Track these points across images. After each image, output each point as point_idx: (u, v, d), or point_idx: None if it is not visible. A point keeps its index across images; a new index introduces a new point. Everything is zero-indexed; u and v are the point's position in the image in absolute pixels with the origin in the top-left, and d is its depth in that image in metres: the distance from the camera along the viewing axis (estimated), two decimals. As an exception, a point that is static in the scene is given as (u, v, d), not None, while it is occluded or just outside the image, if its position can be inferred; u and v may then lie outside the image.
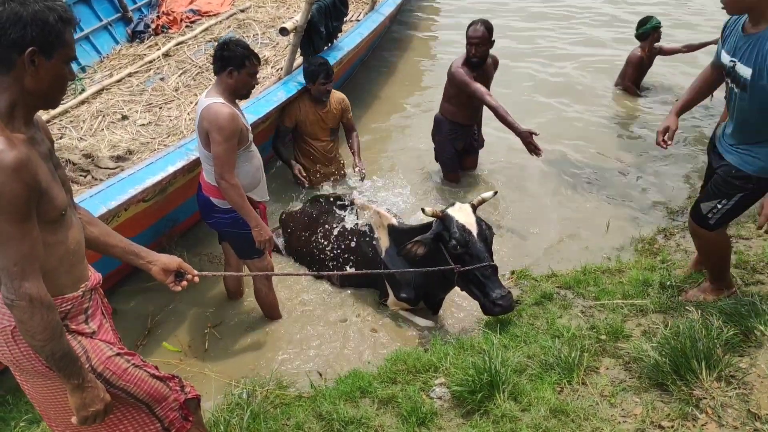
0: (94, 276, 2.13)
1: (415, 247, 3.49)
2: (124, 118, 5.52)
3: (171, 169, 3.81)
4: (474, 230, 3.49)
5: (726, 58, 3.04)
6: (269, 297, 3.90)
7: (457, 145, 5.33)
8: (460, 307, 4.06)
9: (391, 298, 3.97)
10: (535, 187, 5.41)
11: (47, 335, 1.82)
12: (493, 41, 4.88)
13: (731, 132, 3.15)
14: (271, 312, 3.98)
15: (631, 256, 4.40)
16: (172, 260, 2.35)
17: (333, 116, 5.25)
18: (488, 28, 4.81)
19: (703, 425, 2.56)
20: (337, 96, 5.26)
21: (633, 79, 6.93)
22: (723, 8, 2.96)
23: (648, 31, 6.61)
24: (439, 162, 5.49)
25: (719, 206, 3.18)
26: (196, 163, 4.02)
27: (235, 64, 3.36)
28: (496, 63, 5.14)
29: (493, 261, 3.49)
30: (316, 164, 5.31)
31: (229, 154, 3.25)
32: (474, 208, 3.58)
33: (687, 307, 3.31)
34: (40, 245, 1.79)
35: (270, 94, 4.88)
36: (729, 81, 3.07)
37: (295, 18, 5.03)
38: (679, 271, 3.88)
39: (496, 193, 3.77)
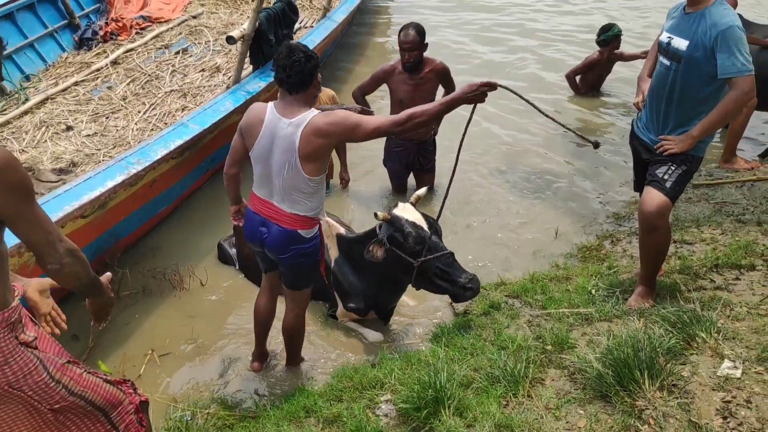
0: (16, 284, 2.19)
1: (375, 249, 3.45)
2: (69, 128, 5.37)
3: (110, 184, 3.70)
4: (424, 225, 3.50)
5: (664, 36, 3.32)
6: (302, 332, 3.56)
7: (401, 159, 5.21)
8: (410, 316, 4.03)
9: (340, 308, 3.92)
10: (483, 193, 5.41)
11: (87, 271, 2.06)
12: (427, 44, 4.78)
13: (662, 118, 3.35)
14: (298, 349, 3.63)
15: (579, 262, 4.43)
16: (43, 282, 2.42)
17: None
18: (419, 31, 4.70)
19: (645, 436, 2.56)
20: (327, 92, 4.95)
21: (579, 72, 7.09)
22: None
23: (609, 38, 6.78)
24: (386, 167, 5.40)
25: (673, 167, 3.30)
26: (137, 177, 3.92)
27: (317, 71, 3.12)
28: (441, 70, 4.92)
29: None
30: None
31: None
32: (414, 206, 3.60)
33: (630, 315, 3.34)
34: None
35: (217, 104, 4.79)
36: (663, 58, 3.32)
37: (243, 26, 4.95)
38: (624, 276, 3.91)
39: (429, 188, 3.76)
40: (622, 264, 4.19)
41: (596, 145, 3.44)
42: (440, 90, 5.03)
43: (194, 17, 7.92)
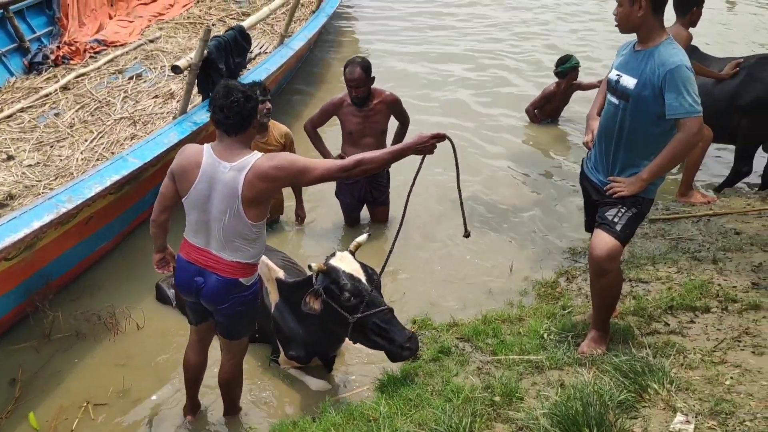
0: None
1: (311, 301, 3.29)
2: (10, 158, 5.14)
3: (36, 225, 3.47)
4: (362, 277, 3.34)
5: (613, 74, 3.25)
6: (240, 381, 3.39)
7: (354, 192, 5.09)
8: (356, 362, 3.87)
9: (282, 356, 3.74)
10: (437, 228, 5.27)
11: None
12: (373, 78, 4.74)
13: (611, 158, 3.27)
14: (237, 398, 3.44)
15: (534, 300, 4.32)
16: None
17: (273, 149, 4.66)
18: (364, 67, 4.66)
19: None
20: (281, 129, 4.86)
21: (537, 106, 7.09)
22: (616, 26, 3.18)
23: (566, 70, 6.79)
24: (338, 199, 5.25)
25: (623, 210, 3.20)
26: (68, 216, 3.71)
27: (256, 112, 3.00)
28: (392, 102, 4.87)
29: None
30: None
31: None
32: (353, 254, 3.44)
33: (582, 363, 3.22)
34: None
35: (161, 135, 4.59)
36: (612, 96, 3.24)
37: (190, 55, 4.79)
38: (578, 318, 3.79)
39: (369, 234, 3.64)
40: (577, 304, 4.08)
41: (467, 235, 3.39)
42: (392, 120, 4.99)
43: (151, 41, 7.75)
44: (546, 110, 7.05)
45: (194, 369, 3.34)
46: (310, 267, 3.30)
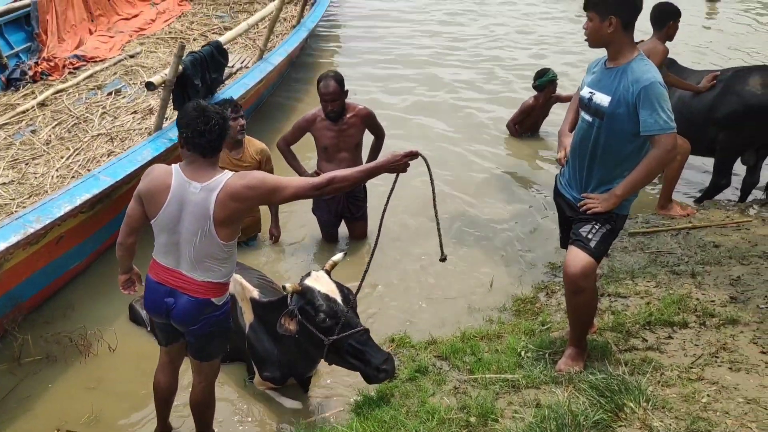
0: None
1: (286, 322, 3.23)
2: (-17, 176, 5.06)
3: (2, 246, 3.40)
4: (338, 297, 3.29)
5: (585, 91, 3.22)
6: (213, 403, 3.28)
7: (331, 208, 5.03)
8: (331, 385, 3.80)
9: (257, 377, 3.67)
10: (415, 244, 5.22)
11: None
12: (347, 91, 4.74)
13: (585, 175, 3.25)
14: (209, 421, 3.30)
15: (513, 316, 4.28)
16: None
17: (249, 166, 4.66)
18: (339, 81, 4.65)
19: None
20: (256, 145, 4.83)
21: (517, 121, 7.11)
22: (585, 40, 3.16)
23: (544, 83, 6.82)
24: (315, 216, 5.19)
25: (597, 226, 3.17)
26: (37, 236, 3.64)
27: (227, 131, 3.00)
28: (366, 116, 4.87)
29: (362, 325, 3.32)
30: None
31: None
32: (329, 273, 3.40)
33: (559, 381, 3.18)
34: None
35: (134, 152, 4.52)
36: (585, 114, 3.21)
37: (164, 71, 4.75)
38: (556, 334, 3.76)
39: (345, 253, 3.60)
40: (556, 319, 4.04)
41: (443, 259, 3.27)
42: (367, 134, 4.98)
43: (131, 56, 7.70)
44: (526, 124, 7.06)
45: (164, 391, 3.27)
46: (284, 288, 3.25)
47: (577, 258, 3.13)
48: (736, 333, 3.48)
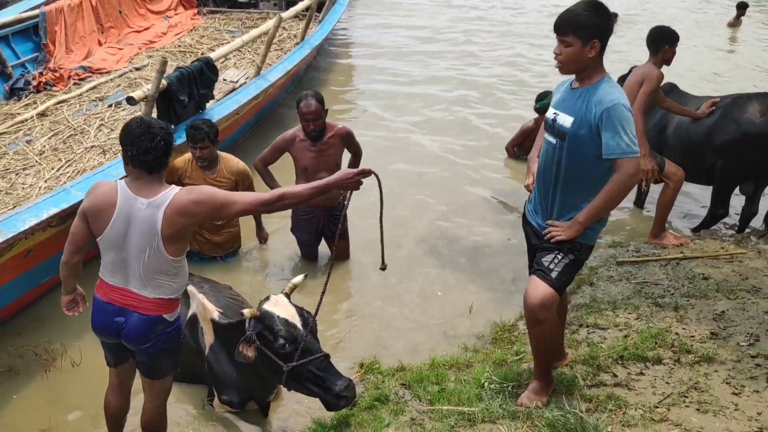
0: None
1: (244, 349, 3.16)
2: (-28, 185, 5.10)
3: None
4: (298, 322, 3.21)
5: (550, 112, 3.13)
6: (165, 424, 3.22)
7: (310, 227, 4.96)
8: (291, 411, 3.71)
9: (216, 400, 3.60)
10: (398, 264, 5.11)
11: None
12: (327, 110, 4.69)
13: (550, 201, 3.14)
14: None
15: (490, 344, 4.16)
16: None
17: (223, 185, 4.58)
18: (319, 100, 4.60)
19: None
20: (231, 165, 4.79)
21: (516, 144, 7.05)
22: (557, 66, 3.04)
23: (545, 106, 6.69)
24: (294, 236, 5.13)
25: (560, 256, 3.06)
26: (1, 249, 3.63)
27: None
28: (345, 135, 4.80)
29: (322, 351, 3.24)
30: (201, 230, 4.89)
31: None
32: (288, 297, 3.33)
33: (517, 416, 3.05)
34: None
35: (111, 167, 4.51)
36: (549, 135, 3.12)
37: (146, 87, 4.76)
38: (526, 365, 3.62)
39: (306, 275, 3.52)
40: (530, 350, 3.90)
41: (383, 268, 3.36)
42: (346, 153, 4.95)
43: (137, 69, 7.77)
44: (525, 146, 6.95)
45: (116, 412, 3.21)
46: (242, 314, 3.18)
47: (538, 289, 3.02)
48: (710, 372, 3.33)
